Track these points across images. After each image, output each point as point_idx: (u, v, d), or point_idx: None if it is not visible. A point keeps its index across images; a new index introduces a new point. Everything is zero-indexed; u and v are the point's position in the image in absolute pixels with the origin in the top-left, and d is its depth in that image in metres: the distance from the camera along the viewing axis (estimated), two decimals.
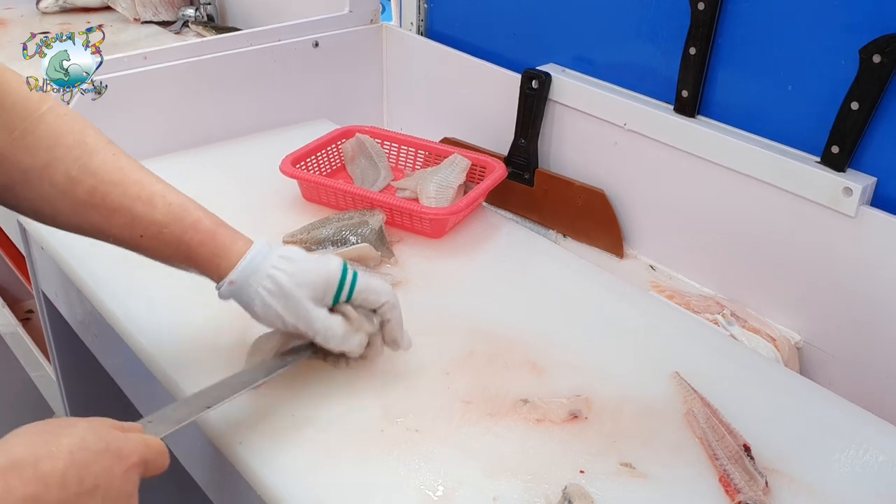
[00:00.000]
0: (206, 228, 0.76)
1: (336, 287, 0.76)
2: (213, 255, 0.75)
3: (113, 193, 0.74)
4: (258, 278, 0.74)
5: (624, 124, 1.08)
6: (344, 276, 0.77)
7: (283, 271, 0.74)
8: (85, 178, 0.73)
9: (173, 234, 0.75)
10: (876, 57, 0.83)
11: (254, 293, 0.75)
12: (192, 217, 0.76)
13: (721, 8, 0.96)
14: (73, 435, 0.58)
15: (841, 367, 0.95)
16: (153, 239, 0.75)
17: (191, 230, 0.75)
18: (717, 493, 0.70)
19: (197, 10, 1.81)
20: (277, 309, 0.75)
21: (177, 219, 0.75)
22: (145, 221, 0.74)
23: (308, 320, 0.75)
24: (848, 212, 0.89)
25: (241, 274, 0.74)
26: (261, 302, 0.75)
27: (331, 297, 0.76)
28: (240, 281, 0.75)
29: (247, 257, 0.75)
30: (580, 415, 0.78)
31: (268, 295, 0.74)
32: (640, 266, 1.12)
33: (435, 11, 1.36)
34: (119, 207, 0.74)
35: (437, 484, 0.70)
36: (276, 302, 0.74)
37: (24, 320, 1.71)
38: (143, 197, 0.75)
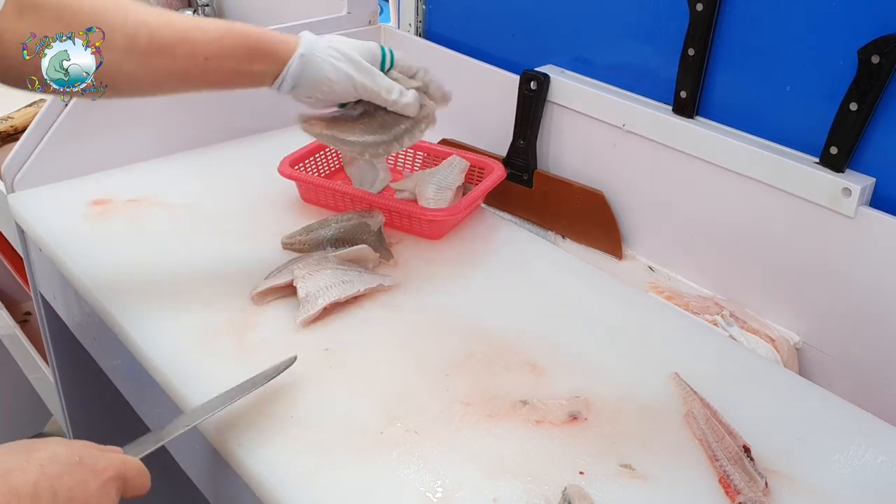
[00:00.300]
0: (255, 30, 0.85)
1: (380, 56, 0.90)
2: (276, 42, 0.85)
3: (167, 32, 0.81)
4: (321, 50, 0.87)
5: (622, 125, 1.08)
6: (383, 49, 0.91)
7: (340, 42, 0.88)
8: (139, 29, 0.79)
9: (233, 41, 0.83)
10: (875, 57, 0.83)
11: (322, 61, 0.86)
12: (237, 27, 0.84)
13: (720, 9, 0.96)
14: (44, 450, 0.59)
15: (840, 368, 0.95)
16: (216, 56, 0.83)
17: (244, 34, 0.84)
18: (716, 495, 0.70)
19: (195, 12, 1.81)
20: (347, 70, 0.87)
21: (228, 30, 0.83)
22: (204, 43, 0.82)
23: (373, 75, 0.88)
24: (847, 212, 0.89)
25: (307, 47, 0.86)
26: (331, 66, 0.86)
27: (378, 62, 0.90)
28: (308, 53, 0.86)
29: (305, 36, 0.87)
30: (580, 416, 0.78)
31: (336, 60, 0.87)
32: (639, 267, 1.12)
33: (433, 13, 1.36)
34: (177, 42, 0.81)
35: (437, 485, 0.69)
36: (344, 65, 0.87)
37: (21, 322, 1.70)
38: (191, 27, 0.82)
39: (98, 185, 1.14)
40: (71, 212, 1.08)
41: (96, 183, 1.14)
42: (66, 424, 1.41)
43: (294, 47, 0.86)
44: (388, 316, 0.91)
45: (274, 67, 0.86)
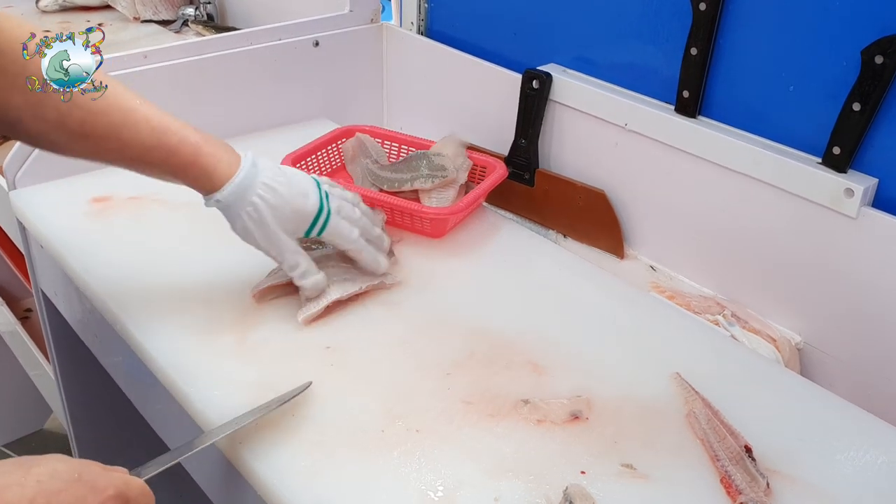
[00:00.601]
0: (191, 149, 0.81)
1: (309, 224, 0.85)
2: (199, 175, 0.81)
3: (100, 122, 0.78)
4: (243, 203, 0.82)
5: (625, 125, 1.08)
6: (316, 218, 0.85)
7: (265, 201, 0.82)
8: (73, 110, 0.77)
9: (160, 156, 0.80)
10: (878, 58, 0.83)
11: (236, 215, 0.83)
12: (175, 138, 0.80)
13: (722, 8, 0.96)
14: (43, 466, 0.58)
15: (841, 369, 0.95)
16: (143, 163, 0.81)
17: (176, 152, 0.80)
18: (718, 495, 0.70)
19: (197, 9, 1.81)
20: (255, 234, 0.83)
21: (161, 141, 0.80)
22: (133, 146, 0.79)
23: (279, 250, 0.85)
24: (849, 213, 0.89)
25: (228, 196, 0.81)
26: (241, 225, 0.83)
27: (303, 231, 0.85)
28: (225, 201, 0.82)
29: (234, 181, 0.81)
30: (581, 415, 0.77)
31: (248, 220, 0.83)
32: (641, 266, 1.12)
33: (435, 11, 1.36)
34: (107, 135, 0.79)
35: (438, 484, 0.69)
36: (254, 227, 0.83)
37: (22, 319, 1.70)
38: (128, 123, 0.79)
39: (99, 183, 1.14)
40: (72, 209, 1.08)
41: (97, 180, 1.14)
42: (67, 421, 1.41)
43: (220, 183, 0.82)
44: (390, 314, 0.91)
45: (200, 190, 0.84)
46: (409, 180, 1.08)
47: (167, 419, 0.94)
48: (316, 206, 0.85)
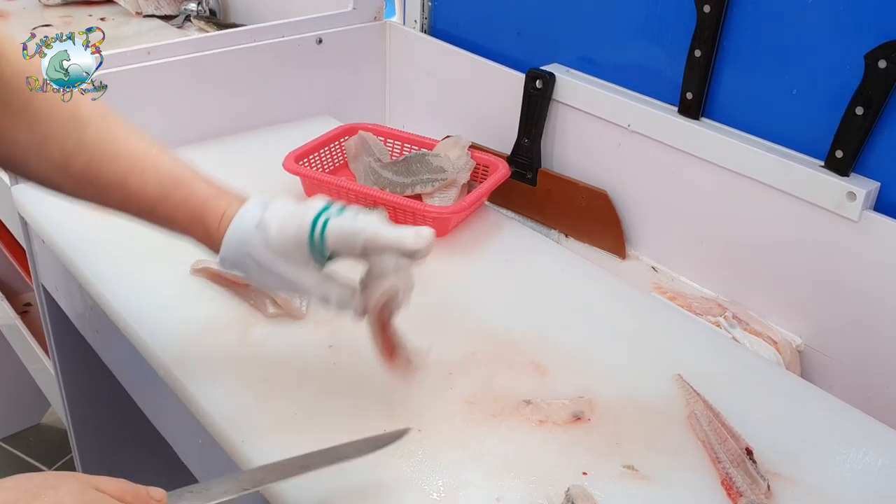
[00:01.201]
0: (197, 205, 0.73)
1: (307, 246, 0.69)
2: (204, 233, 0.73)
3: (106, 169, 0.73)
4: (243, 255, 0.71)
5: (628, 125, 1.08)
6: (312, 233, 0.69)
7: (255, 246, 0.70)
8: (79, 153, 0.72)
9: (167, 210, 0.73)
10: (881, 62, 0.83)
11: (245, 268, 0.72)
12: (183, 192, 0.73)
13: (727, 11, 0.96)
14: (49, 499, 0.53)
15: (842, 371, 0.95)
16: (149, 215, 0.75)
17: (182, 208, 0.73)
18: (719, 497, 0.70)
19: (199, 5, 1.81)
20: (268, 282, 0.72)
21: (168, 195, 0.73)
22: (139, 197, 0.73)
23: (301, 289, 0.71)
24: (851, 216, 0.89)
25: (226, 254, 0.72)
26: (252, 277, 0.73)
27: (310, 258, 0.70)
28: (229, 260, 0.72)
29: (227, 236, 0.71)
30: (583, 416, 0.78)
31: (254, 272, 0.72)
32: (643, 267, 1.12)
33: (439, 9, 1.36)
34: (114, 183, 0.73)
35: (440, 484, 0.70)
36: (262, 277, 0.72)
37: (22, 313, 1.70)
38: (135, 171, 0.73)
39: None
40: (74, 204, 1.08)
41: None
42: (66, 416, 1.41)
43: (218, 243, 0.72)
44: None
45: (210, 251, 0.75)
46: (410, 185, 1.08)
47: (167, 415, 0.95)
48: (312, 216, 0.70)
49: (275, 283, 0.72)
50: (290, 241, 0.70)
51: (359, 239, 0.68)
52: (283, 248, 0.70)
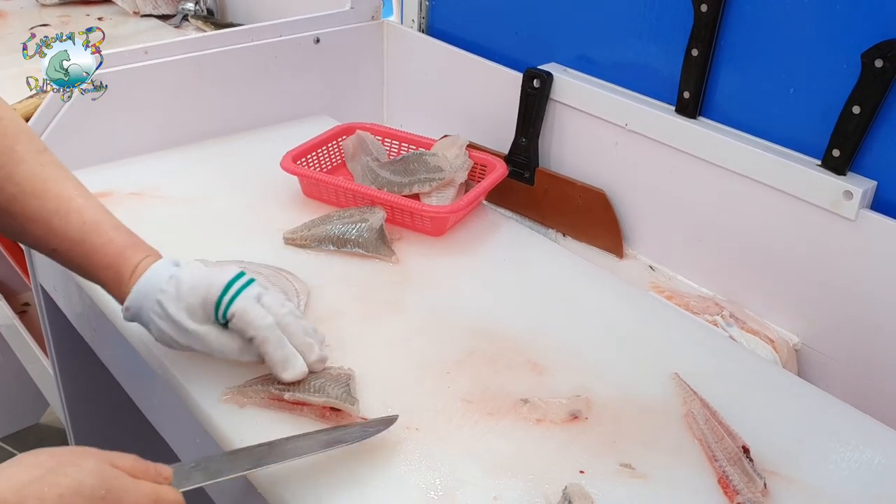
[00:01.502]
0: (114, 251, 0.75)
1: (213, 310, 0.73)
2: (115, 279, 0.75)
3: (31, 205, 0.74)
4: (149, 303, 0.73)
5: (625, 125, 1.09)
6: (220, 299, 0.72)
7: (167, 294, 0.73)
8: (7, 186, 0.74)
9: (84, 252, 0.75)
10: (878, 61, 0.83)
11: (147, 319, 0.74)
12: (102, 238, 0.75)
13: (724, 10, 0.96)
14: (72, 476, 0.55)
15: (839, 370, 0.95)
16: (65, 254, 0.76)
17: (100, 252, 0.75)
18: (715, 495, 0.70)
19: (197, 5, 1.81)
20: (171, 334, 0.74)
21: (88, 238, 0.75)
22: (59, 236, 0.75)
23: (201, 341, 0.73)
24: (848, 215, 0.89)
25: (133, 300, 0.74)
26: (154, 327, 0.74)
27: (212, 317, 0.73)
28: (133, 307, 0.74)
29: (139, 282, 0.74)
30: (580, 415, 0.78)
31: (158, 319, 0.73)
32: (640, 266, 1.12)
33: (436, 9, 1.36)
34: (36, 219, 0.74)
35: (438, 483, 0.70)
36: (166, 326, 0.73)
37: (20, 313, 1.70)
38: (60, 212, 0.74)
39: (99, 178, 1.13)
40: None
41: (98, 176, 1.14)
42: (65, 415, 1.41)
43: (127, 289, 0.74)
44: (389, 312, 0.91)
45: (115, 297, 0.77)
46: (408, 185, 1.08)
47: (165, 414, 0.95)
48: (226, 280, 0.73)
49: (175, 333, 0.74)
50: (199, 299, 0.72)
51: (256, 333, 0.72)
52: (190, 304, 0.73)
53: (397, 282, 0.96)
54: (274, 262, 0.96)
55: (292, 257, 0.99)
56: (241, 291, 0.73)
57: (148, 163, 1.19)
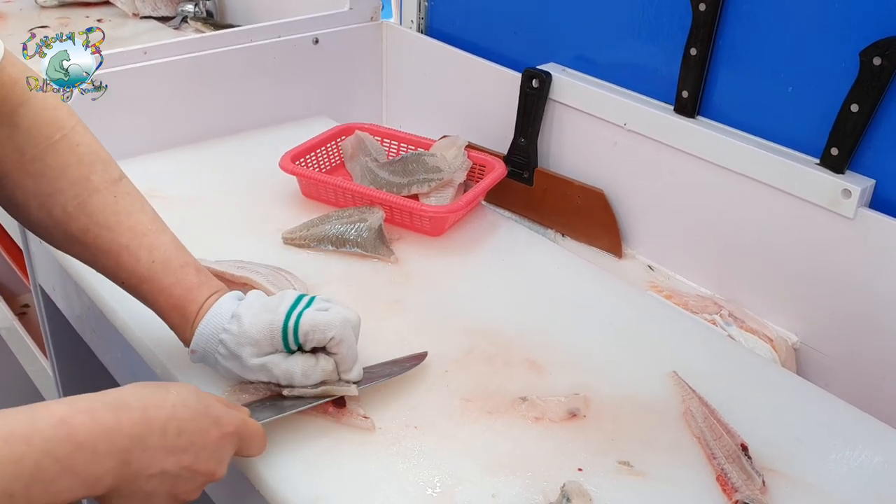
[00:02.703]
0: (180, 293, 0.75)
1: (280, 337, 0.73)
2: (181, 323, 0.76)
3: (103, 238, 0.75)
4: (213, 345, 0.75)
5: (624, 124, 1.09)
6: (286, 324, 0.73)
7: (229, 333, 0.74)
8: (80, 216, 0.74)
9: (151, 291, 0.76)
10: (876, 59, 0.83)
11: (213, 360, 0.76)
12: (170, 279, 0.75)
13: (722, 9, 0.96)
14: (178, 393, 0.63)
15: (837, 369, 0.95)
16: (133, 290, 0.77)
17: (165, 292, 0.75)
18: (714, 492, 0.70)
19: (196, 6, 1.81)
20: (234, 371, 0.75)
21: (156, 278, 0.75)
22: (127, 272, 0.75)
23: (266, 372, 0.74)
24: (846, 213, 0.89)
25: (198, 343, 0.75)
26: (221, 367, 0.76)
27: (280, 346, 0.74)
28: (199, 350, 0.75)
29: (202, 324, 0.74)
30: (579, 413, 0.78)
31: (223, 359, 0.75)
32: (639, 266, 1.12)
33: (435, 9, 1.37)
34: (107, 252, 0.75)
35: (436, 480, 0.70)
36: (231, 364, 0.75)
37: (20, 315, 1.70)
38: (131, 248, 0.75)
39: None
40: None
41: None
42: None
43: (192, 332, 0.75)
44: (389, 311, 0.91)
45: (182, 340, 0.78)
46: (407, 185, 1.08)
47: None
48: (282, 317, 0.73)
49: (240, 370, 0.75)
50: (263, 330, 0.73)
51: (327, 335, 0.73)
52: (253, 338, 0.73)
53: (396, 281, 0.96)
54: (273, 261, 0.96)
55: (291, 257, 0.99)
56: (304, 311, 0.74)
57: (147, 163, 1.19)
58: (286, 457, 0.72)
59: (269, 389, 0.76)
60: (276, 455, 0.72)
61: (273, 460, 0.71)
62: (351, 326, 0.76)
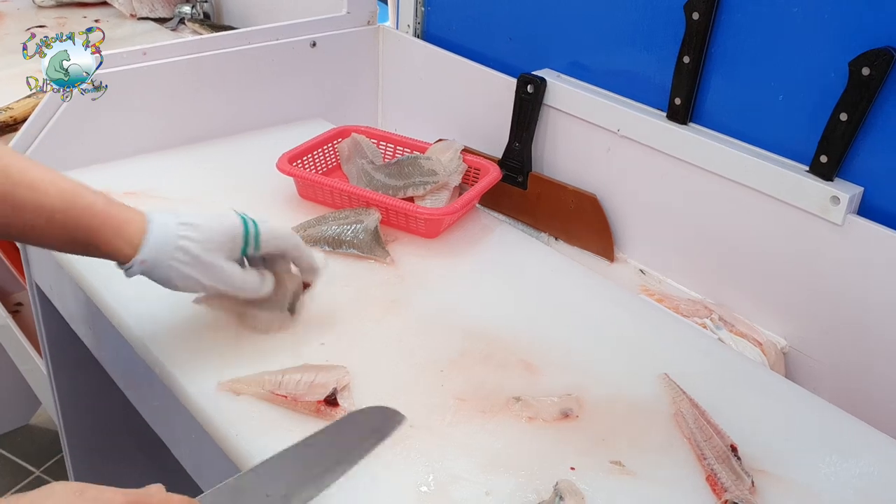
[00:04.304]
0: (101, 210, 0.74)
1: (242, 240, 0.78)
2: (114, 235, 0.74)
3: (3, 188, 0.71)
4: (169, 252, 0.74)
5: (617, 130, 1.10)
6: (247, 229, 0.78)
7: (191, 240, 0.75)
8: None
9: (68, 218, 0.73)
10: (865, 70, 0.85)
11: (168, 268, 0.75)
12: (85, 200, 0.74)
13: (715, 18, 0.97)
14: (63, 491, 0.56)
15: (826, 372, 0.96)
16: (45, 226, 0.73)
17: (87, 213, 0.73)
18: (704, 492, 0.72)
19: (193, 8, 1.82)
20: (197, 277, 0.76)
21: (69, 203, 0.73)
22: (33, 207, 0.72)
23: (227, 280, 0.78)
24: (835, 220, 0.91)
25: (150, 251, 0.74)
26: (178, 274, 0.76)
27: (238, 251, 0.78)
28: (151, 259, 0.74)
29: (152, 232, 0.74)
30: (571, 413, 0.79)
31: (184, 266, 0.75)
32: (631, 270, 1.14)
33: (432, 14, 1.38)
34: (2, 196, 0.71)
35: (431, 479, 0.71)
36: (193, 271, 0.76)
37: (13, 313, 1.70)
38: (25, 182, 0.71)
39: (96, 178, 1.13)
40: None
41: (95, 175, 1.14)
42: (58, 416, 1.41)
43: (137, 241, 0.74)
44: (385, 312, 0.92)
45: (112, 258, 0.76)
46: (403, 188, 1.09)
47: (161, 411, 0.95)
48: (238, 219, 0.79)
49: (204, 276, 0.77)
50: (225, 235, 0.77)
51: (288, 242, 0.81)
52: (221, 243, 0.77)
53: (392, 283, 0.97)
54: None
55: None
56: (254, 221, 0.80)
57: (145, 163, 1.20)
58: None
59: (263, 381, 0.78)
60: (272, 450, 0.73)
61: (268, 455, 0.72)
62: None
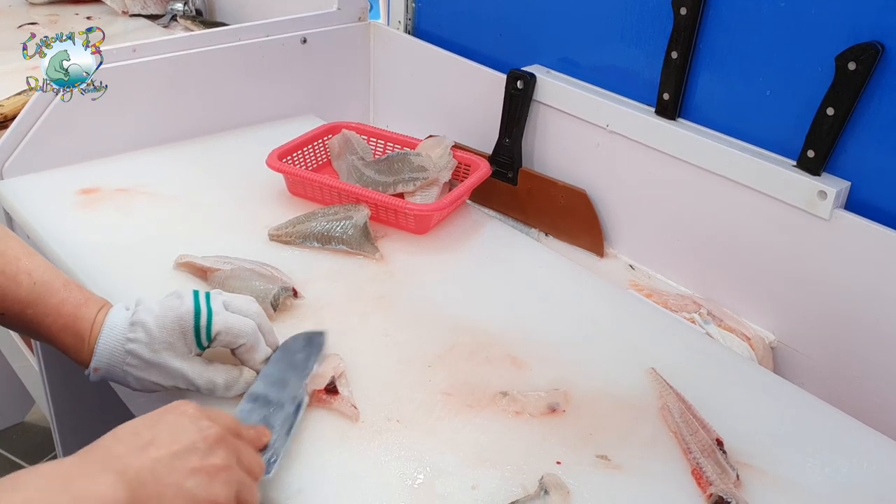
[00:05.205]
0: (69, 311, 0.73)
1: (193, 335, 0.73)
2: (74, 341, 0.73)
3: None
4: (120, 357, 0.72)
5: (606, 126, 1.10)
6: (197, 322, 0.72)
7: (138, 342, 0.72)
8: None
9: (37, 315, 0.73)
10: (851, 64, 0.85)
11: (123, 373, 0.73)
12: (55, 299, 0.73)
13: (703, 14, 0.98)
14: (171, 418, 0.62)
15: (813, 367, 0.97)
16: (17, 318, 0.73)
17: (54, 313, 0.73)
18: (689, 486, 0.72)
19: (185, 5, 1.82)
20: (153, 379, 0.73)
21: (41, 300, 0.73)
22: (9, 299, 0.72)
23: (186, 379, 0.73)
24: (822, 215, 0.91)
25: (101, 360, 0.72)
26: (133, 378, 0.73)
27: (193, 345, 0.73)
28: (104, 366, 0.73)
29: (101, 339, 0.72)
30: (558, 408, 0.79)
31: (136, 370, 0.73)
32: (620, 265, 1.14)
33: (423, 11, 1.38)
34: None
35: (418, 473, 0.71)
36: (147, 374, 0.73)
37: None
38: (7, 272, 0.72)
39: (87, 174, 1.15)
40: (60, 200, 1.09)
41: (86, 171, 1.15)
42: (51, 413, 1.41)
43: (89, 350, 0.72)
44: (373, 307, 0.92)
45: (78, 363, 0.74)
46: (392, 184, 1.10)
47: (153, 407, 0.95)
48: (190, 305, 0.73)
49: (158, 377, 0.73)
50: (172, 333, 0.72)
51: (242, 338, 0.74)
52: (166, 341, 0.72)
53: (381, 278, 0.98)
54: (258, 257, 0.97)
55: (277, 253, 1.00)
56: (210, 308, 0.73)
57: (135, 160, 1.20)
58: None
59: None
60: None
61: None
62: (261, 332, 0.77)
